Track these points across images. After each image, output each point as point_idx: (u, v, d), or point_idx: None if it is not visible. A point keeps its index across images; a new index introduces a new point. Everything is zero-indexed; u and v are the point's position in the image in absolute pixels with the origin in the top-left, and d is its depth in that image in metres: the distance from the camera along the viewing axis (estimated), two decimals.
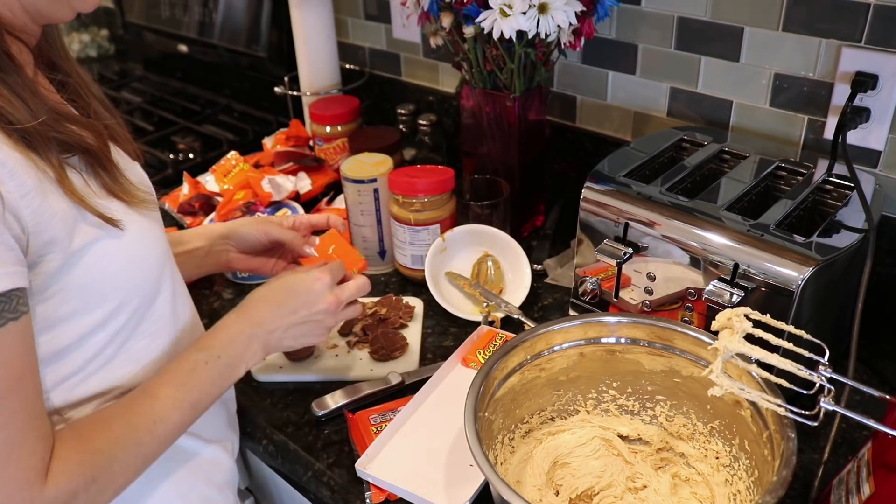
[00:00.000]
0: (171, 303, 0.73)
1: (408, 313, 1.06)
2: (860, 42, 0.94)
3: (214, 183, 1.33)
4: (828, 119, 1.01)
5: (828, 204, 0.92)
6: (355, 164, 1.15)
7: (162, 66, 2.06)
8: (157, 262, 0.71)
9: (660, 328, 0.81)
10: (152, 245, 0.70)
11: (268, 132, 1.57)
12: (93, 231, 0.64)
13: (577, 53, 1.23)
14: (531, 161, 1.20)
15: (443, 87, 1.48)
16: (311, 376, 0.98)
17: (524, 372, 0.82)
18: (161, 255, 0.72)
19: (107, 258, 0.65)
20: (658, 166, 1.01)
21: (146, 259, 0.69)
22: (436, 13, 1.08)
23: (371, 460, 0.83)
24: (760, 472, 0.72)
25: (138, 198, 0.69)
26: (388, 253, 1.18)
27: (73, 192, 0.62)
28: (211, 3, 1.73)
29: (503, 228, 1.12)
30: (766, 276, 0.80)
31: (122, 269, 0.66)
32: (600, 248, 0.93)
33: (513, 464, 0.81)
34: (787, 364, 0.66)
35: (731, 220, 0.85)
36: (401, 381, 0.94)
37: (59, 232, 0.61)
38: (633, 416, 0.86)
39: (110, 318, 0.67)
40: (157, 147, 1.62)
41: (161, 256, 0.72)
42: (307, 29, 1.42)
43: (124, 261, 0.66)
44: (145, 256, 0.69)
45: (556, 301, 1.10)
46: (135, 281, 0.68)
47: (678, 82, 1.14)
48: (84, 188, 0.64)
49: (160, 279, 0.71)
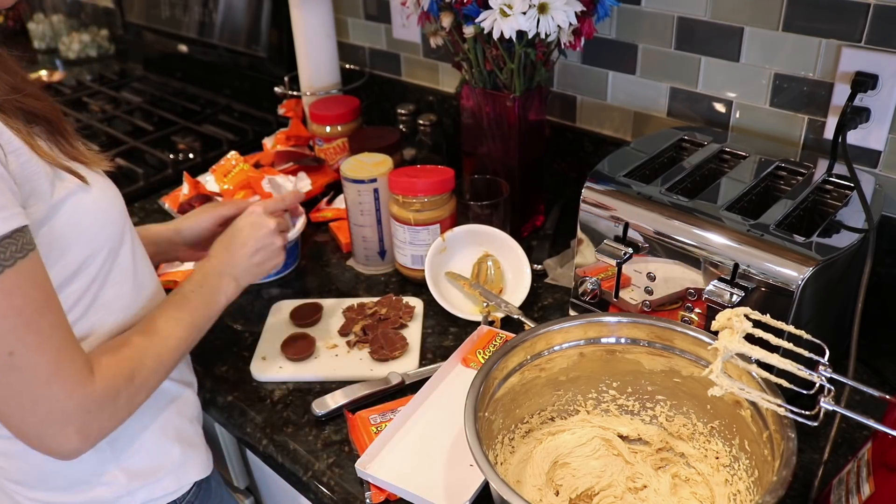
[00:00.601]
0: (132, 252, 0.81)
1: (408, 313, 1.06)
2: (860, 42, 0.94)
3: (214, 183, 1.33)
4: (828, 119, 1.01)
5: (828, 204, 0.92)
6: (355, 164, 1.15)
7: (162, 66, 2.06)
8: (120, 214, 0.79)
9: (660, 328, 0.81)
10: (114, 198, 0.79)
11: (268, 132, 1.57)
12: (67, 185, 0.71)
13: (577, 53, 1.23)
14: (531, 161, 1.20)
15: (443, 87, 1.48)
16: (311, 376, 0.98)
17: (524, 372, 0.82)
18: (121, 208, 0.80)
19: (81, 209, 0.72)
20: (658, 166, 1.01)
21: (110, 210, 0.77)
22: (436, 13, 1.08)
23: (371, 460, 0.83)
24: (760, 472, 0.72)
25: (93, 159, 0.78)
26: (388, 253, 1.18)
27: (44, 153, 0.70)
28: (211, 3, 1.73)
29: (503, 228, 1.12)
30: (766, 276, 0.80)
31: (94, 220, 0.74)
32: (600, 248, 0.93)
33: (513, 464, 0.81)
34: (787, 364, 0.66)
35: (731, 220, 0.85)
36: (401, 381, 0.94)
37: (41, 184, 0.68)
38: (633, 416, 0.86)
39: (84, 266, 0.74)
40: (157, 147, 1.61)
41: (122, 208, 0.80)
42: (307, 29, 1.42)
43: (95, 212, 0.74)
44: (109, 208, 0.77)
45: (556, 301, 1.10)
46: (105, 230, 0.76)
47: (678, 82, 1.14)
48: (50, 152, 0.72)
49: (123, 229, 0.79)
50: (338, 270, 1.21)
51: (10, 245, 0.63)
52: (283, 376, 0.98)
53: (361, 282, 1.18)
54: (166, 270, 1.19)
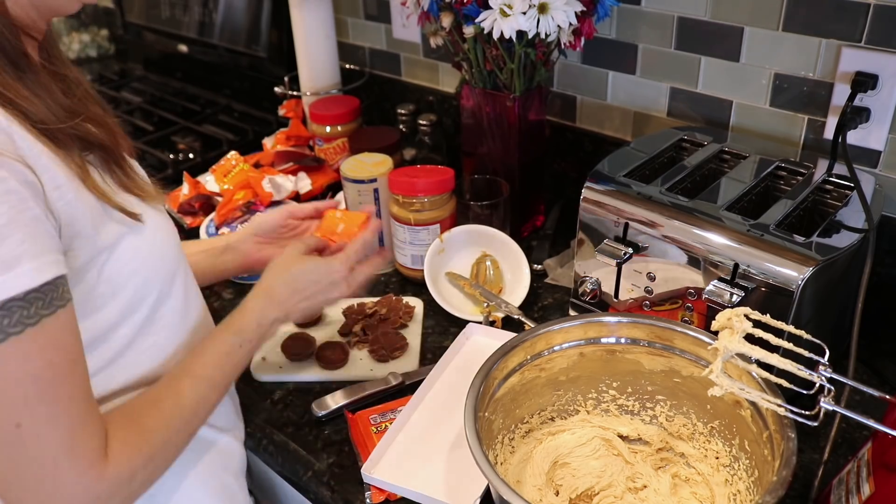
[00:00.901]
0: (184, 294, 0.75)
1: (408, 313, 1.06)
2: (860, 42, 0.94)
3: (214, 183, 1.33)
4: (828, 119, 1.01)
5: (828, 204, 0.92)
6: (355, 164, 1.15)
7: (162, 66, 2.06)
8: (174, 254, 0.73)
9: (660, 328, 0.81)
10: (168, 237, 0.73)
11: (268, 132, 1.57)
12: (116, 226, 0.65)
13: (577, 53, 1.23)
14: (531, 161, 1.20)
15: (443, 87, 1.48)
16: (311, 376, 0.98)
17: (524, 372, 0.81)
18: (176, 247, 0.74)
19: (130, 251, 0.66)
20: (658, 166, 1.01)
21: (164, 251, 0.71)
22: (436, 13, 1.08)
23: (375, 464, 0.83)
24: (760, 472, 0.72)
25: (150, 193, 0.71)
26: (388, 253, 1.18)
27: (95, 187, 0.63)
28: (211, 3, 1.73)
29: (503, 228, 1.12)
30: (766, 276, 0.80)
31: (144, 262, 0.68)
32: (600, 248, 0.93)
33: (513, 464, 0.81)
34: (787, 364, 0.66)
35: (731, 220, 0.85)
36: (401, 381, 0.94)
37: (85, 226, 0.62)
38: (633, 416, 0.86)
39: (133, 310, 0.68)
40: (157, 147, 1.61)
41: (176, 248, 0.74)
42: (307, 29, 1.42)
43: (145, 253, 0.68)
44: (163, 248, 0.71)
45: (556, 301, 1.10)
46: (155, 272, 0.70)
47: (678, 82, 1.14)
48: (103, 185, 0.66)
49: (176, 270, 0.74)
50: None
51: (38, 300, 0.55)
52: (284, 376, 0.98)
53: None
54: None
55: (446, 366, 0.96)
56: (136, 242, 0.67)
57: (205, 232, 1.19)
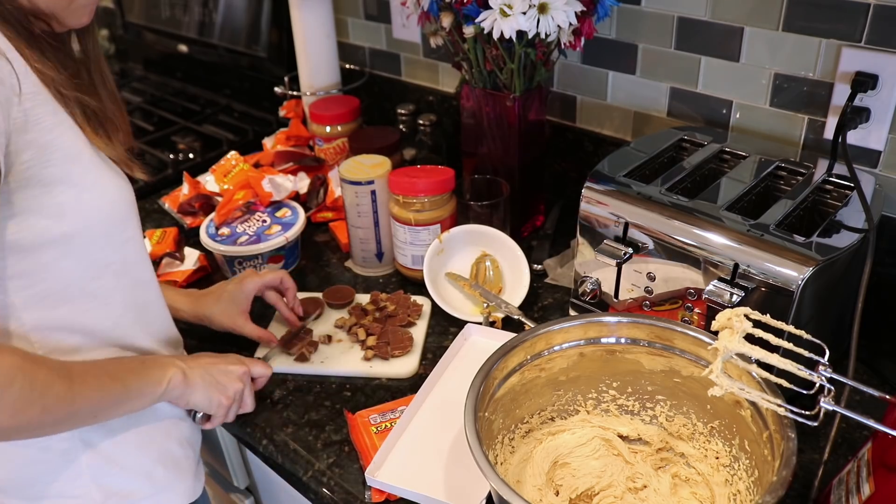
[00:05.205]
0: (136, 250, 0.79)
1: (416, 311, 1.06)
2: (860, 42, 0.94)
3: (214, 183, 1.33)
4: (828, 119, 1.01)
5: (828, 204, 0.92)
6: (353, 165, 1.15)
7: (162, 66, 2.06)
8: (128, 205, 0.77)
9: (660, 328, 0.81)
10: (127, 192, 0.77)
11: (268, 132, 1.57)
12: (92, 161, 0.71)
13: (577, 53, 1.23)
14: (531, 161, 1.20)
15: (443, 87, 1.48)
16: (311, 372, 0.98)
17: (524, 372, 0.82)
18: (130, 204, 0.78)
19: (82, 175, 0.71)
20: (658, 166, 1.01)
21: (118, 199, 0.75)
22: (436, 13, 1.08)
23: (379, 467, 0.83)
24: (760, 472, 0.72)
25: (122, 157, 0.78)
26: (386, 255, 1.18)
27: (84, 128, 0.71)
28: (211, 3, 1.73)
29: (503, 228, 1.12)
30: (766, 276, 0.80)
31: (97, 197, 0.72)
32: (600, 248, 0.93)
33: (513, 464, 0.81)
34: (787, 364, 0.66)
35: (731, 220, 0.85)
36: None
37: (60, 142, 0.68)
38: (633, 416, 0.86)
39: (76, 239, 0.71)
40: (157, 147, 1.61)
41: (130, 205, 0.78)
42: (307, 29, 1.42)
43: (100, 191, 0.72)
44: (118, 198, 0.75)
45: (556, 301, 1.10)
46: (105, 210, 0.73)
47: (678, 82, 1.14)
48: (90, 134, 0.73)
49: (127, 221, 0.77)
50: (337, 270, 1.21)
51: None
52: (283, 372, 0.98)
53: (360, 282, 1.18)
54: (166, 270, 1.19)
55: (446, 366, 0.96)
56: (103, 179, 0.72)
57: (205, 232, 1.19)
